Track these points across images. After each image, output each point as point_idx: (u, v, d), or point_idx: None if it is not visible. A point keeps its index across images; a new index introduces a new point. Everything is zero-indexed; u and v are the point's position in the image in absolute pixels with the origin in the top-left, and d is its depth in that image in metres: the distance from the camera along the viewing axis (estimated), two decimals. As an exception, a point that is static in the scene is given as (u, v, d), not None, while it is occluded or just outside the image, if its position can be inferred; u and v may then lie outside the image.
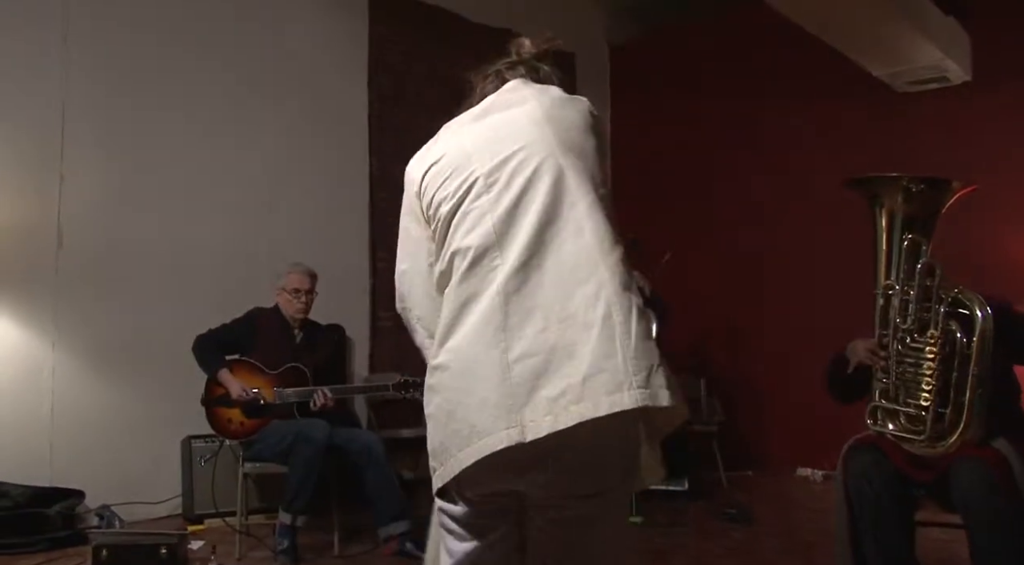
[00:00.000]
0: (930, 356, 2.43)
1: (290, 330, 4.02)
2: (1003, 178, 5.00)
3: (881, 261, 2.60)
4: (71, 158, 4.22)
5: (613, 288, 1.43)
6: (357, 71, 5.39)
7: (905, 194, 2.56)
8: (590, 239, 1.45)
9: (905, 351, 2.49)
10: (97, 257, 4.28)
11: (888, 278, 2.56)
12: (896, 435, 2.52)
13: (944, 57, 4.90)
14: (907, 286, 2.50)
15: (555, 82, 1.70)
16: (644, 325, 1.44)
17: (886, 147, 5.37)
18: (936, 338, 2.42)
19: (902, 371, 2.50)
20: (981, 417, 2.39)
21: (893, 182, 2.58)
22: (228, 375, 3.78)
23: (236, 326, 3.95)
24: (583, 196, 1.48)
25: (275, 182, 4.96)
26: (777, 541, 3.95)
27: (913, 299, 2.48)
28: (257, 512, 4.22)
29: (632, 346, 1.39)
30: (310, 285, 4.00)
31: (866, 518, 2.63)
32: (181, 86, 4.60)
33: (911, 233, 2.54)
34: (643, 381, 1.37)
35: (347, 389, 4.19)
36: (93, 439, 4.20)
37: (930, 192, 2.56)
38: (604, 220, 1.48)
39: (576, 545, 1.52)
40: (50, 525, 3.78)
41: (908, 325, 2.48)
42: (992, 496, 2.41)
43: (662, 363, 1.41)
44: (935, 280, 2.47)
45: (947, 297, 2.44)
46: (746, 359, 6.03)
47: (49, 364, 4.12)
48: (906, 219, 2.56)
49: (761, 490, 5.21)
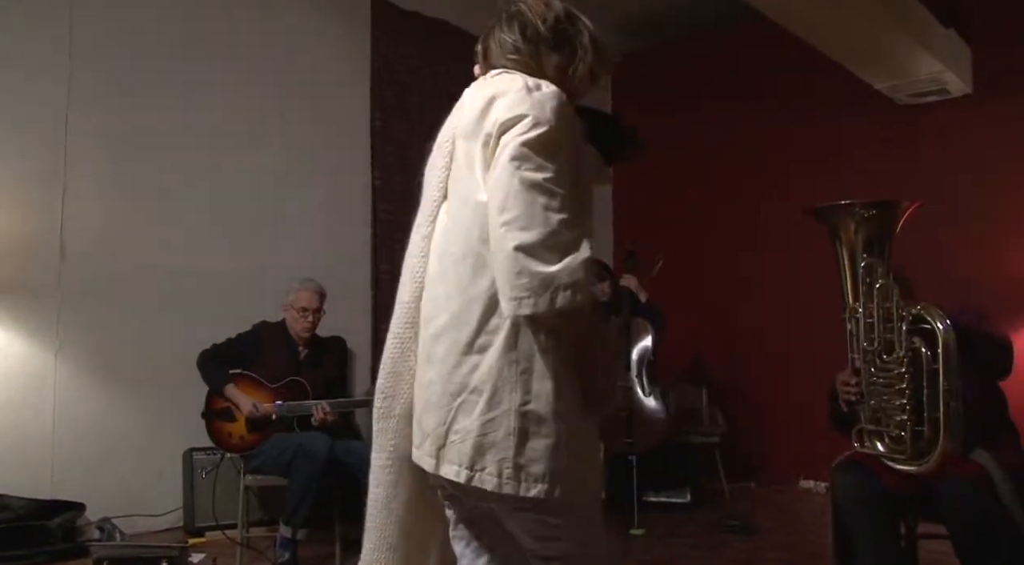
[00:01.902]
0: (898, 377, 2.45)
1: (295, 346, 4.02)
2: (1004, 190, 5.01)
3: (847, 287, 2.64)
4: (74, 169, 4.23)
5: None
6: (360, 83, 5.41)
7: (858, 219, 2.60)
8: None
9: (876, 373, 2.52)
10: (100, 268, 4.28)
11: (855, 301, 2.59)
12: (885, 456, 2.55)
13: (944, 69, 4.92)
14: (868, 308, 2.53)
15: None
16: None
17: (887, 159, 5.38)
18: (901, 357, 2.44)
19: (877, 393, 2.53)
20: (958, 430, 2.40)
21: (846, 209, 2.63)
22: (235, 391, 3.79)
23: (241, 340, 3.97)
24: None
25: (278, 194, 4.97)
26: (780, 553, 3.94)
27: (876, 320, 2.51)
28: (258, 524, 4.21)
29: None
30: (319, 304, 4.01)
31: (858, 534, 2.66)
32: (184, 98, 4.62)
33: (869, 255, 2.57)
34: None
35: (350, 403, 4.19)
36: (94, 451, 4.20)
37: (881, 214, 2.60)
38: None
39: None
40: (51, 538, 3.77)
41: (875, 347, 2.52)
42: (974, 509, 2.47)
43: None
44: (893, 300, 2.49)
45: (908, 315, 2.46)
46: (748, 370, 6.02)
47: (51, 376, 4.12)
48: (865, 243, 2.60)
49: (764, 502, 5.19)
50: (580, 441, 1.55)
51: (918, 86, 5.11)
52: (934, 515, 2.63)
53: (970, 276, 4.70)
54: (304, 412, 3.78)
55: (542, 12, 1.68)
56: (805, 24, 4.47)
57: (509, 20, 1.71)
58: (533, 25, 1.67)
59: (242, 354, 3.93)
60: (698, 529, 4.41)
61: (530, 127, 1.49)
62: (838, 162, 5.58)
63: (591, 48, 1.69)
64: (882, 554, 2.64)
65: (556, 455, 1.49)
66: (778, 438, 5.86)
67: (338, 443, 3.73)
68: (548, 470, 1.49)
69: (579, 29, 1.70)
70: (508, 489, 1.48)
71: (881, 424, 2.54)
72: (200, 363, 3.84)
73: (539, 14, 1.68)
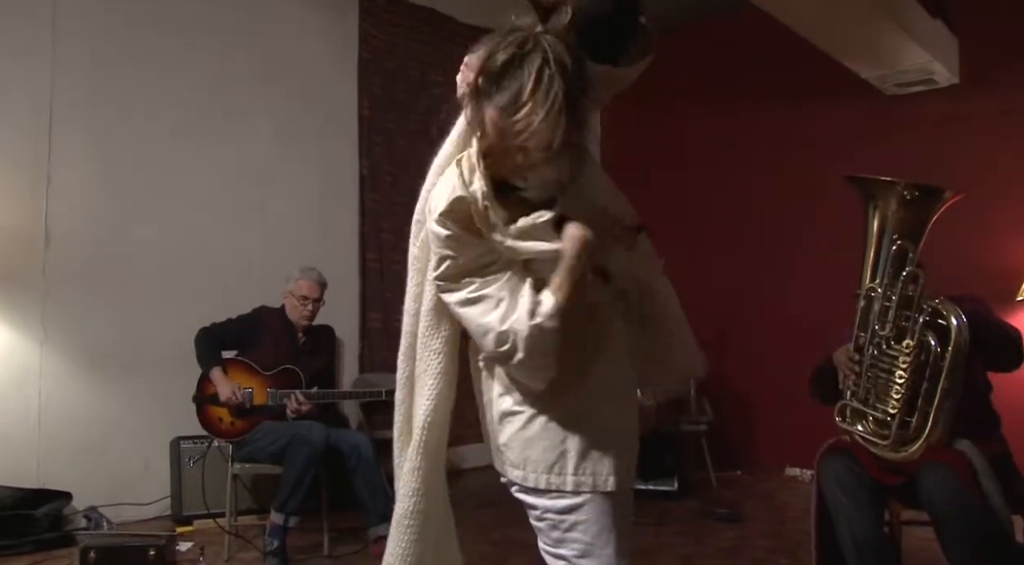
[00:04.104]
0: (903, 365, 2.46)
1: (294, 333, 4.02)
2: (990, 180, 5.04)
3: (868, 263, 2.61)
4: (58, 158, 4.20)
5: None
6: (347, 72, 5.39)
7: (899, 199, 2.57)
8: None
9: (880, 356, 2.52)
10: (85, 257, 4.26)
11: (872, 281, 2.58)
12: (862, 437, 2.56)
13: (932, 59, 4.93)
14: (889, 292, 2.52)
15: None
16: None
17: (874, 149, 5.40)
18: (912, 348, 2.44)
19: (874, 376, 2.53)
20: (945, 426, 2.43)
21: (889, 186, 2.60)
22: (220, 375, 3.77)
23: (241, 322, 3.95)
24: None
25: (264, 182, 4.95)
26: (766, 540, 3.97)
27: (894, 306, 2.50)
28: (247, 513, 4.21)
29: None
30: (319, 294, 4.01)
31: (841, 521, 2.68)
32: (169, 86, 4.58)
33: (900, 239, 2.55)
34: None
35: (341, 394, 4.19)
36: (81, 441, 4.18)
37: (923, 199, 2.58)
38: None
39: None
40: (37, 527, 3.76)
41: (886, 332, 2.51)
42: (957, 498, 2.47)
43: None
44: (918, 289, 2.49)
45: (927, 307, 2.46)
46: (736, 359, 6.05)
47: (36, 365, 4.09)
48: (897, 224, 2.57)
49: (750, 489, 5.23)
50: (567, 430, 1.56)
51: (905, 76, 5.13)
52: (918, 503, 2.65)
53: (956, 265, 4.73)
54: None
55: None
56: (793, 14, 4.47)
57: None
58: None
59: (240, 337, 3.92)
60: (685, 517, 4.44)
61: (436, 263, 1.53)
62: (825, 152, 5.60)
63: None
64: (865, 540, 2.66)
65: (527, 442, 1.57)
66: (764, 427, 5.90)
67: (332, 431, 3.73)
68: (522, 457, 1.57)
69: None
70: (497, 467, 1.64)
71: (868, 405, 2.54)
72: (197, 339, 3.84)
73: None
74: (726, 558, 3.68)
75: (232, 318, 3.97)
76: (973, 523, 2.45)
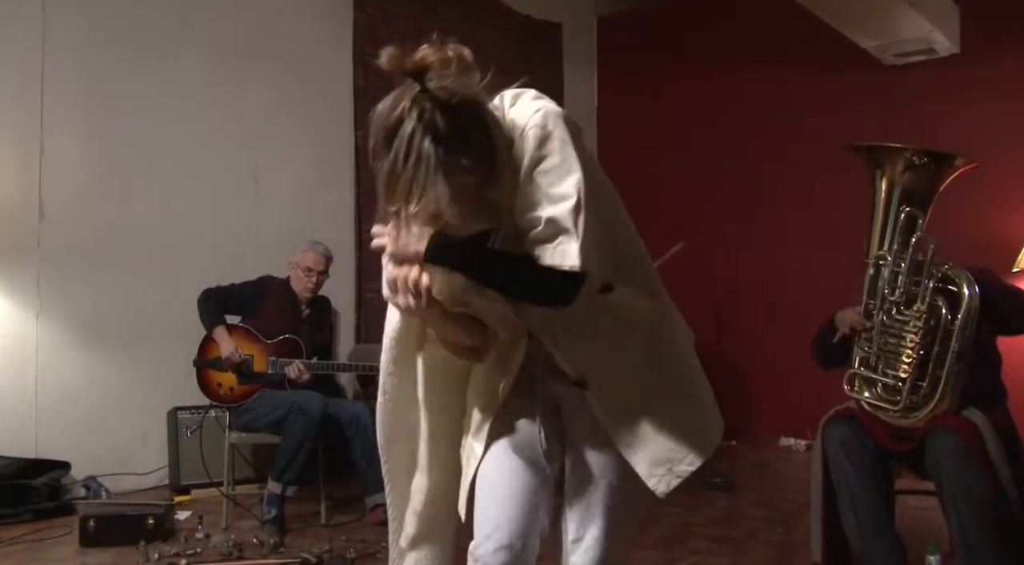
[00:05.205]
0: (914, 330, 2.46)
1: (297, 304, 4.02)
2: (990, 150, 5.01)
3: (876, 231, 2.61)
4: (51, 130, 4.16)
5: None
6: (342, 40, 5.32)
7: (907, 165, 2.56)
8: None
9: (890, 322, 2.52)
10: (79, 229, 4.24)
11: (881, 248, 2.57)
12: (871, 403, 2.56)
13: (932, 29, 4.89)
14: (899, 258, 2.52)
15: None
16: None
17: (873, 120, 5.37)
18: (922, 313, 2.45)
19: (884, 342, 2.53)
20: (955, 392, 2.43)
21: (897, 153, 2.58)
22: (224, 333, 3.78)
23: (245, 288, 3.96)
24: None
25: (259, 154, 4.91)
26: (759, 510, 4.00)
27: (904, 272, 2.50)
28: (245, 482, 4.23)
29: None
30: (324, 266, 4.02)
31: (843, 488, 2.68)
32: (162, 57, 4.53)
33: (909, 206, 2.55)
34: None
35: (341, 366, 4.19)
36: (78, 411, 4.19)
37: (932, 166, 2.57)
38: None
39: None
40: (36, 496, 3.79)
41: (896, 297, 2.51)
42: (964, 465, 2.47)
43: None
44: (928, 255, 2.49)
45: (937, 273, 2.46)
46: (730, 328, 6.07)
47: (32, 336, 4.09)
48: (905, 191, 2.57)
49: (744, 460, 5.26)
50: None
51: (905, 46, 5.09)
52: (923, 469, 2.65)
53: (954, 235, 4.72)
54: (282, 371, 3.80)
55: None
56: (793, -18, 4.43)
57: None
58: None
59: (243, 302, 3.93)
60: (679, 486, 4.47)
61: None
62: (823, 122, 5.56)
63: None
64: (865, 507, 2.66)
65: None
66: (759, 397, 5.93)
67: (331, 402, 3.75)
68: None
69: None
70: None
71: (878, 372, 2.55)
72: (200, 299, 3.83)
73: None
74: (719, 526, 3.72)
75: (236, 283, 3.96)
76: (979, 490, 2.45)
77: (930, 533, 3.01)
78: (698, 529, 3.67)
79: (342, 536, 3.49)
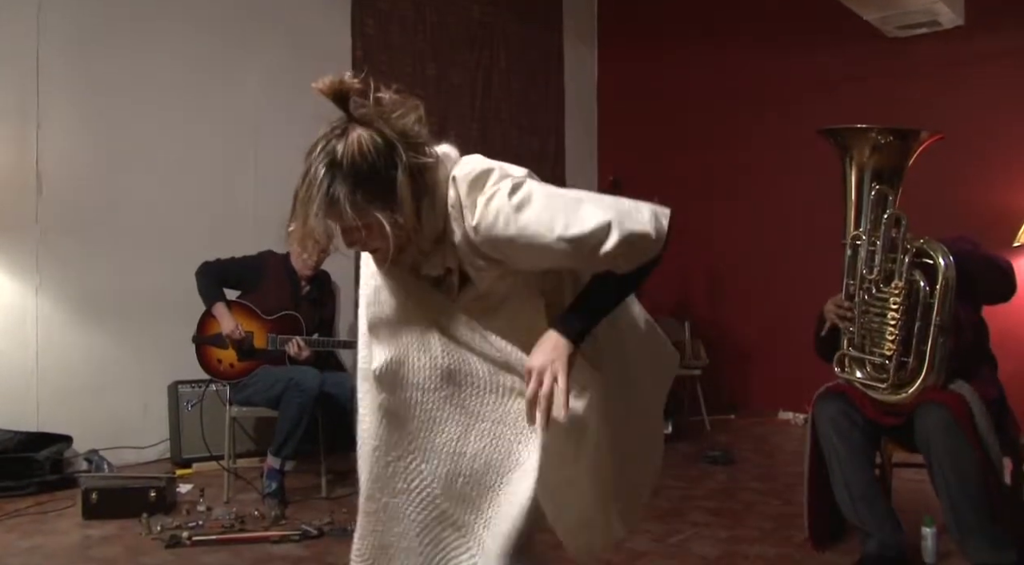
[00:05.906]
0: (894, 306, 2.47)
1: (297, 281, 4.01)
2: (994, 124, 4.99)
3: (850, 212, 2.62)
4: (47, 105, 4.13)
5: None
6: (340, 12, 5.27)
7: (873, 145, 2.57)
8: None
9: (871, 301, 2.54)
10: (77, 204, 4.23)
11: (857, 229, 2.58)
12: (862, 383, 2.58)
13: (936, 1, 4.83)
14: (874, 237, 2.52)
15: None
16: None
17: (876, 92, 5.32)
18: (901, 289, 2.45)
19: (867, 321, 2.55)
20: (942, 365, 2.44)
21: (862, 133, 2.59)
22: (224, 309, 3.78)
23: (244, 262, 3.94)
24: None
25: (256, 129, 4.87)
26: (758, 483, 4.03)
27: (879, 250, 2.51)
28: (246, 455, 4.26)
29: None
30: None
31: (834, 464, 2.72)
32: (158, 31, 4.48)
33: (879, 184, 2.55)
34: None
35: (341, 343, 4.18)
36: (79, 385, 4.21)
37: (898, 143, 2.57)
38: None
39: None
40: (39, 469, 3.81)
41: (874, 276, 2.52)
42: (952, 439, 2.50)
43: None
44: (900, 231, 2.49)
45: (912, 247, 2.46)
46: (730, 303, 6.07)
47: (32, 311, 4.10)
48: (875, 170, 2.57)
49: (743, 433, 5.29)
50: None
51: (909, 18, 5.03)
52: (912, 444, 2.68)
53: (958, 208, 4.71)
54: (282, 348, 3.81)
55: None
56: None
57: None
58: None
59: (242, 277, 3.92)
60: (679, 460, 4.50)
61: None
62: (826, 95, 5.52)
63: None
64: (856, 483, 2.70)
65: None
66: (758, 371, 5.94)
67: (327, 375, 3.76)
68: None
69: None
70: None
71: (865, 351, 2.56)
72: (199, 273, 3.83)
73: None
74: (718, 499, 3.75)
75: (235, 257, 3.95)
76: (966, 463, 2.49)
77: (926, 506, 3.04)
78: (697, 502, 3.70)
79: (342, 509, 3.51)
